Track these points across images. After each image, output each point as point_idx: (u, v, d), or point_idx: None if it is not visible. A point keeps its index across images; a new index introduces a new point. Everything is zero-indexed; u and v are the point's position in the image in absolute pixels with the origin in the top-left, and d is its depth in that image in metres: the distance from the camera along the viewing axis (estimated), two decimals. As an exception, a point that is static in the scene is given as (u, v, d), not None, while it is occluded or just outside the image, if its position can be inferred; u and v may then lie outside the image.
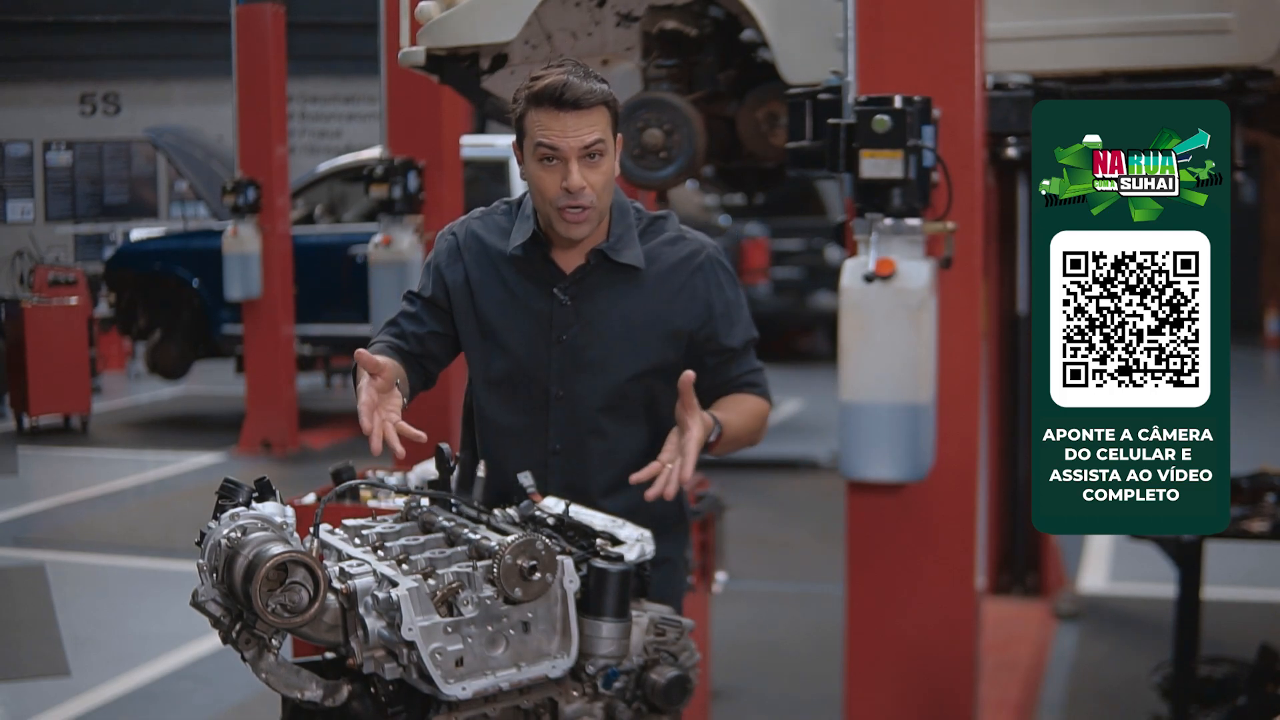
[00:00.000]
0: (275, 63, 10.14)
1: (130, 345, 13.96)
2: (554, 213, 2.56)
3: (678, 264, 2.67)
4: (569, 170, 2.50)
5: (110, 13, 15.96)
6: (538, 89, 2.50)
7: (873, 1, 3.78)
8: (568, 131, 2.49)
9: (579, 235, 2.58)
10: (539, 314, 2.65)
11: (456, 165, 7.50)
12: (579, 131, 2.49)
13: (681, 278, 2.67)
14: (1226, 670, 4.39)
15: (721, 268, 2.72)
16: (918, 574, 3.88)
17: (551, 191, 2.53)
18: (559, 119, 2.48)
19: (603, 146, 2.52)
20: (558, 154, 2.50)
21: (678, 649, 2.30)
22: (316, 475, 5.86)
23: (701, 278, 2.68)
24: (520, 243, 2.66)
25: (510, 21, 4.73)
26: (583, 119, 2.49)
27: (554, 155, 2.50)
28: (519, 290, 2.66)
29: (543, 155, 2.51)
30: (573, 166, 2.50)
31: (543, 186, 2.54)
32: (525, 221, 2.67)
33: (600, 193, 2.55)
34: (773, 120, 4.81)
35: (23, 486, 9.48)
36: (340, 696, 2.20)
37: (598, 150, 2.52)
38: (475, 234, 2.72)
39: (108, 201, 15.75)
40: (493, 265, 2.69)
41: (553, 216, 2.57)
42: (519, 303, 2.66)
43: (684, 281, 2.67)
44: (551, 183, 2.52)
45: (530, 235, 2.65)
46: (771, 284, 14.63)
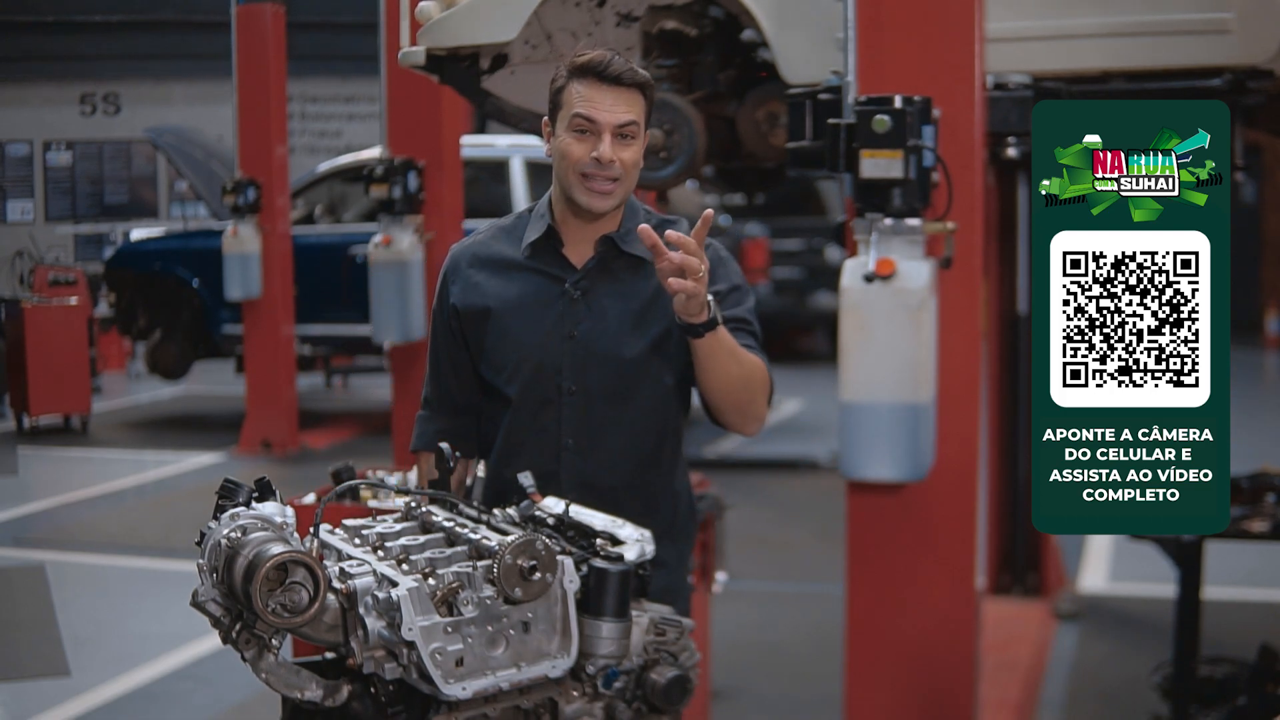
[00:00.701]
0: (275, 63, 10.14)
1: (130, 345, 13.96)
2: (576, 180, 2.59)
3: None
4: (601, 143, 2.55)
5: (110, 13, 15.95)
6: (582, 62, 2.56)
7: (873, 1, 3.78)
8: (605, 105, 2.55)
9: (598, 207, 2.61)
10: (551, 310, 2.67)
11: (456, 165, 7.51)
12: (616, 108, 2.55)
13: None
14: (1226, 670, 4.39)
15: (728, 260, 2.74)
16: (918, 574, 3.88)
17: (578, 157, 2.57)
18: (600, 91, 2.55)
19: (635, 130, 2.58)
20: (593, 126, 2.55)
21: (678, 649, 2.30)
22: (316, 475, 5.86)
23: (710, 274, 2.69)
24: (534, 239, 2.68)
25: (510, 21, 4.73)
26: (621, 97, 2.56)
27: (589, 128, 2.56)
28: (530, 289, 2.69)
29: (578, 126, 2.57)
30: (606, 139, 2.55)
31: (571, 152, 2.58)
32: (540, 220, 2.71)
33: (628, 171, 2.59)
34: (773, 120, 4.81)
35: (23, 486, 9.48)
36: (340, 696, 2.20)
37: (631, 132, 2.57)
38: (478, 249, 2.76)
39: (108, 201, 15.75)
40: (503, 269, 2.72)
41: (574, 184, 2.60)
42: (530, 301, 2.68)
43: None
44: (581, 151, 2.57)
45: (544, 231, 2.68)
46: (771, 284, 14.63)
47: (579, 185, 2.59)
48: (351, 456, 4.92)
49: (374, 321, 7.60)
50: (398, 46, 5.07)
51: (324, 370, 13.55)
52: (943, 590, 3.88)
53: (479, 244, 2.78)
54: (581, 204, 2.61)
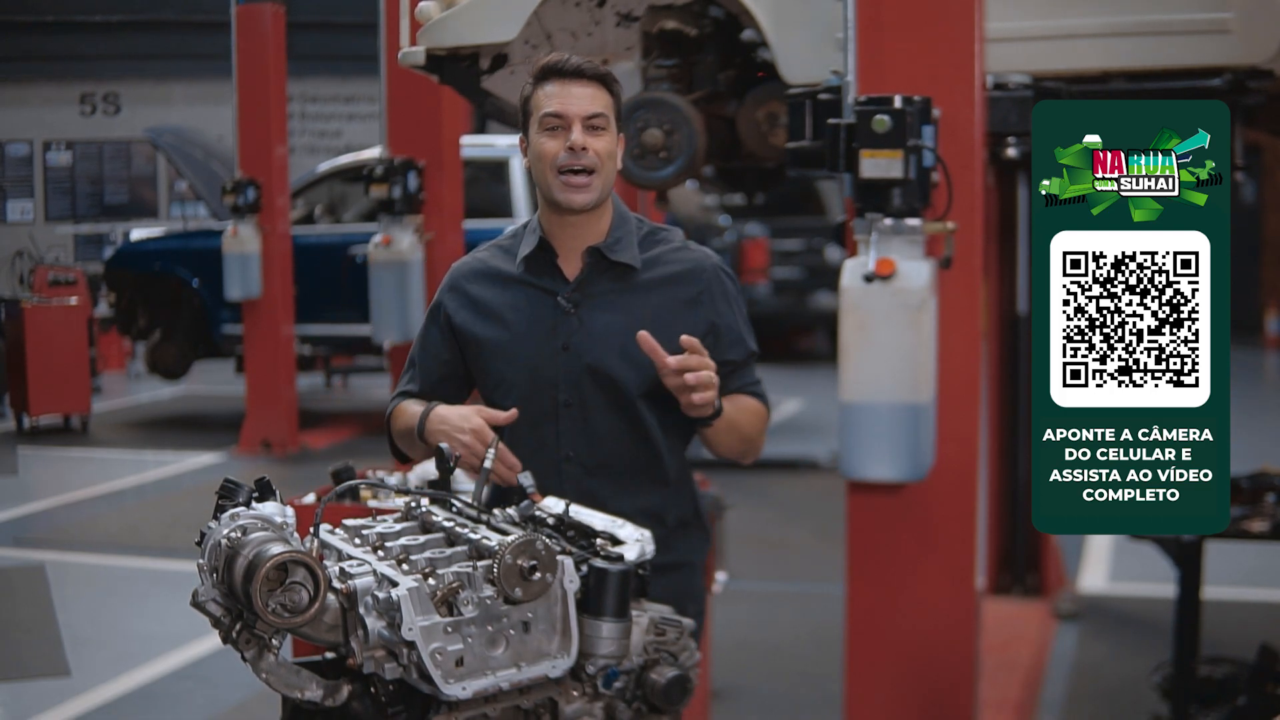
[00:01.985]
0: (275, 63, 10.14)
1: (130, 345, 13.97)
2: (555, 181, 2.61)
3: (681, 274, 2.70)
4: (572, 133, 2.58)
5: (110, 13, 15.96)
6: (541, 65, 2.63)
7: (873, 1, 3.78)
8: (569, 100, 2.58)
9: (578, 202, 2.61)
10: (544, 323, 2.68)
11: (456, 165, 7.51)
12: (581, 100, 2.59)
13: (686, 290, 2.69)
14: (1226, 670, 4.39)
15: (726, 281, 2.75)
16: (918, 574, 3.88)
17: (553, 153, 2.59)
18: (563, 87, 2.59)
19: (604, 121, 2.60)
20: (561, 120, 2.58)
21: (678, 649, 2.30)
22: (316, 475, 5.85)
23: (707, 294, 2.70)
24: (526, 253, 2.69)
25: (510, 21, 4.73)
26: (585, 89, 2.59)
27: (558, 123, 2.59)
28: (525, 302, 2.70)
29: (548, 125, 2.60)
30: (576, 127, 2.58)
31: (545, 150, 2.60)
32: (532, 235, 2.72)
33: (603, 162, 2.61)
34: (773, 120, 4.81)
35: (23, 486, 9.48)
36: (340, 696, 2.20)
37: (600, 124, 2.60)
38: (476, 266, 2.78)
39: (108, 201, 15.76)
40: (500, 283, 2.73)
41: (554, 186, 2.61)
42: (525, 315, 2.69)
43: (689, 295, 2.69)
44: (554, 146, 2.59)
45: (537, 244, 2.68)
46: (771, 284, 14.64)
47: (556, 184, 2.61)
48: (351, 456, 4.91)
49: (374, 321, 7.61)
50: (398, 46, 5.07)
51: (324, 370, 13.55)
52: (943, 590, 3.88)
53: (478, 261, 2.79)
54: (561, 202, 2.62)
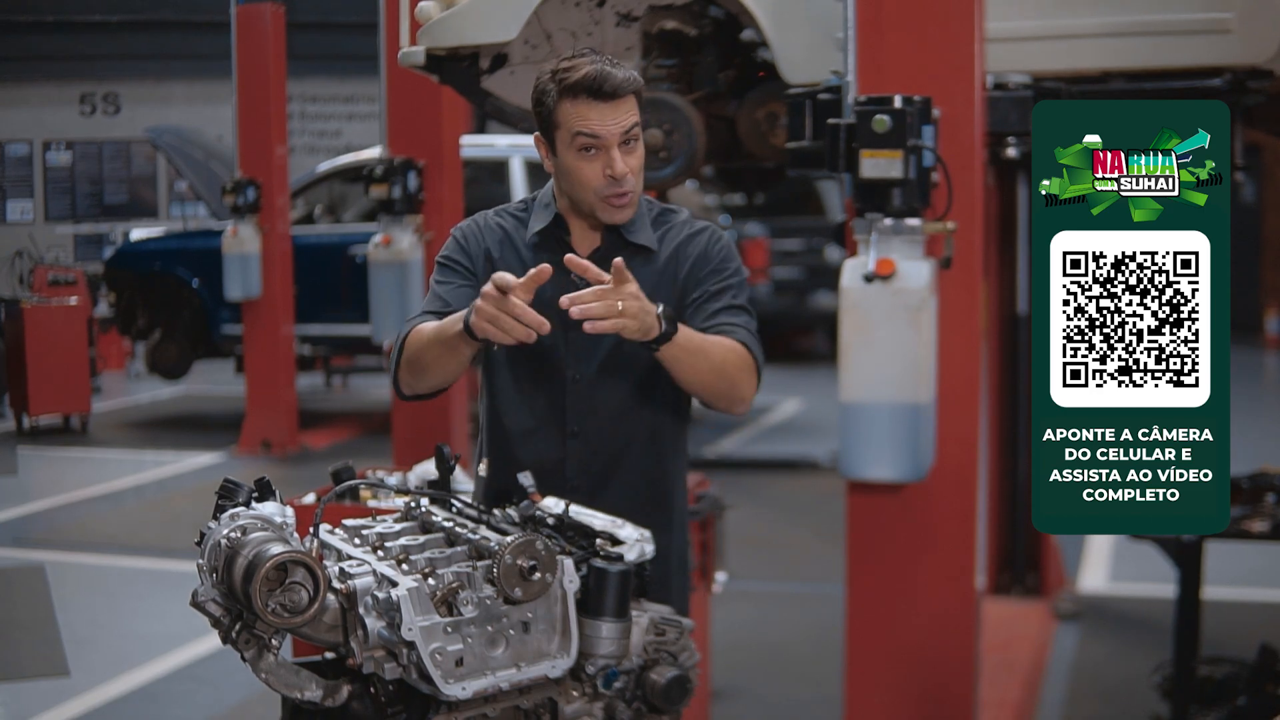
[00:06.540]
0: (275, 63, 10.13)
1: (130, 345, 13.96)
2: (598, 202, 2.60)
3: (686, 239, 2.72)
4: (611, 159, 2.55)
5: (110, 13, 15.95)
6: (574, 80, 2.53)
7: (873, 1, 3.78)
8: (607, 120, 2.54)
9: (623, 220, 2.64)
10: (555, 298, 2.66)
11: (456, 165, 7.50)
12: (617, 119, 2.54)
13: (689, 248, 2.71)
14: (1226, 670, 4.39)
15: (728, 245, 2.75)
16: (918, 574, 3.88)
17: (596, 181, 2.57)
18: (597, 109, 2.53)
19: (638, 131, 2.59)
20: (598, 143, 2.55)
21: (678, 649, 2.30)
22: (316, 475, 5.86)
23: (706, 240, 2.71)
24: (539, 229, 2.69)
25: (510, 21, 4.73)
26: (619, 107, 2.54)
27: (594, 145, 2.55)
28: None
29: (583, 145, 2.56)
30: (615, 154, 2.55)
31: (584, 177, 2.58)
32: (544, 210, 2.71)
33: (638, 176, 2.62)
34: (773, 120, 4.81)
35: (23, 486, 9.48)
36: (340, 696, 2.20)
37: (634, 135, 2.58)
38: (496, 221, 2.76)
39: (108, 201, 15.75)
40: (514, 248, 2.72)
41: (596, 206, 2.61)
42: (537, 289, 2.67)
43: (691, 251, 2.70)
44: (593, 172, 2.57)
45: (551, 220, 2.68)
46: (771, 284, 14.62)
47: (599, 205, 2.61)
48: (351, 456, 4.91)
49: (374, 321, 7.60)
50: (398, 46, 5.07)
51: (324, 370, 13.54)
52: (943, 590, 3.88)
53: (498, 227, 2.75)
54: (604, 220, 2.64)
